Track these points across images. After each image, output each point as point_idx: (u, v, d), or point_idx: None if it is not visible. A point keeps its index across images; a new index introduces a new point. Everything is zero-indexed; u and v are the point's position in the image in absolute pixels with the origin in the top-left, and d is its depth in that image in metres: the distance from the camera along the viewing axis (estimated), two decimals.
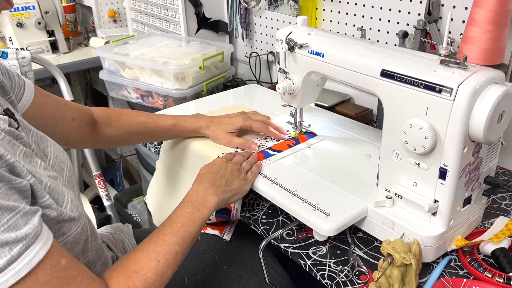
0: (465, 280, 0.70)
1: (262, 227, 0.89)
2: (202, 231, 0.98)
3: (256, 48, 1.60)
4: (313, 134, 1.05)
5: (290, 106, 1.00)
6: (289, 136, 1.04)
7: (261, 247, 0.82)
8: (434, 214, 0.74)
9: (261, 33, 1.55)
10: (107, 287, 0.62)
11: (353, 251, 0.81)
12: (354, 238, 0.84)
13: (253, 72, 1.58)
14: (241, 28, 1.60)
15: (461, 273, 0.75)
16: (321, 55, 0.84)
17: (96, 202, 2.07)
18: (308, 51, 0.86)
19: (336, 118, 1.15)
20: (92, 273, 0.61)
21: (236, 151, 0.98)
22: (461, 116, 0.65)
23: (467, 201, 0.75)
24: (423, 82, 0.68)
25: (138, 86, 1.48)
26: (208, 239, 0.95)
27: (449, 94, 0.65)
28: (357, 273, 0.77)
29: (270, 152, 0.98)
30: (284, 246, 0.83)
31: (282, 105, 1.02)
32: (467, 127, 0.66)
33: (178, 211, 0.76)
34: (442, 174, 0.70)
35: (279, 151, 0.98)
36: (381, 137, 0.75)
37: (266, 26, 1.53)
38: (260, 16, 1.54)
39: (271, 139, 1.03)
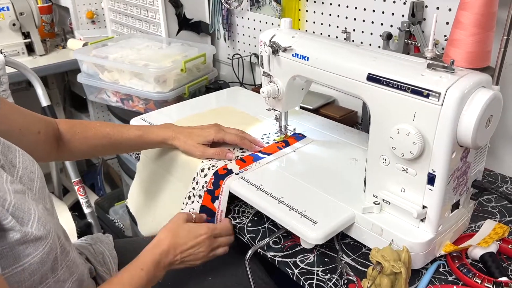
0: (454, 287, 0.69)
1: (248, 235, 0.87)
2: None
3: (239, 49, 1.57)
4: (302, 136, 1.03)
5: (274, 110, 0.98)
6: (274, 141, 1.02)
7: (247, 257, 0.80)
8: (422, 220, 0.73)
9: (243, 34, 1.53)
10: None
11: (341, 258, 0.80)
12: (342, 245, 0.83)
13: (236, 74, 1.56)
14: (223, 29, 1.57)
15: (450, 278, 0.75)
16: (306, 58, 0.82)
17: (76, 207, 2.02)
18: (292, 55, 0.84)
19: (321, 120, 1.13)
20: None
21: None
22: (450, 121, 0.64)
23: (455, 206, 0.74)
24: (410, 87, 0.67)
25: (118, 89, 1.44)
26: None
27: (437, 99, 0.64)
28: (346, 281, 0.75)
29: (260, 155, 0.96)
30: (270, 255, 0.81)
31: (266, 109, 1.00)
32: (456, 132, 0.64)
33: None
34: (431, 179, 0.69)
35: (269, 154, 0.96)
36: (367, 140, 0.74)
37: (249, 27, 1.50)
38: (242, 17, 1.51)
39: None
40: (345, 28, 0.94)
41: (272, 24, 1.42)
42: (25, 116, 0.80)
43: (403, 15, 1.06)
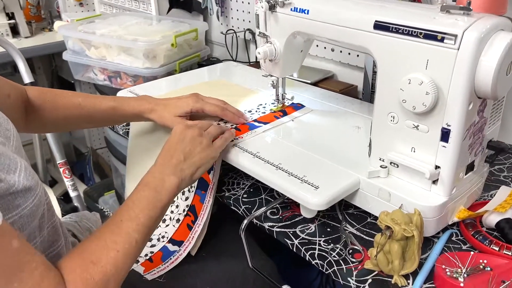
0: (472, 253, 0.63)
1: (243, 207, 0.80)
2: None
3: (232, 26, 1.50)
4: (301, 105, 0.97)
5: (271, 75, 0.91)
6: (271, 110, 0.95)
7: (243, 226, 0.73)
8: (434, 182, 0.67)
9: (237, 10, 1.46)
10: (62, 278, 0.53)
11: (345, 228, 0.73)
12: (345, 215, 0.76)
13: (230, 52, 1.49)
14: (216, 5, 1.50)
15: (464, 247, 0.68)
16: (306, 12, 0.76)
17: (64, 199, 1.94)
18: (291, 9, 0.78)
19: (320, 91, 1.07)
20: (49, 262, 0.53)
21: None
22: (467, 67, 0.57)
23: (470, 167, 0.68)
24: (423, 31, 0.60)
25: (105, 66, 1.37)
26: None
27: (453, 41, 0.57)
28: (351, 251, 0.69)
29: (256, 124, 0.89)
30: (268, 226, 0.75)
31: (262, 75, 0.93)
32: (473, 79, 0.58)
33: (134, 195, 0.66)
34: (445, 135, 0.62)
35: (265, 123, 0.89)
36: (370, 110, 0.67)
37: (243, 2, 1.43)
38: None
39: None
40: None
41: None
42: None
43: None
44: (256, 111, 0.95)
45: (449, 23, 0.59)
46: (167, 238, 0.82)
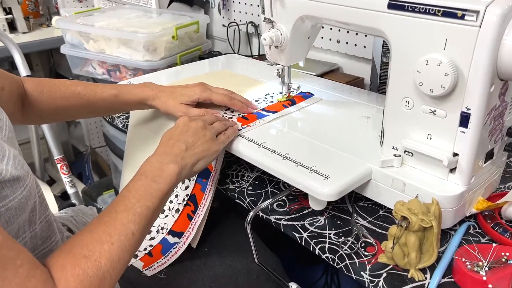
0: (494, 244, 0.59)
1: (248, 199, 0.76)
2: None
3: (234, 19, 1.47)
4: (310, 94, 0.93)
5: (277, 64, 0.88)
6: (278, 100, 0.92)
7: (249, 219, 0.70)
8: (452, 171, 0.63)
9: (239, 2, 1.43)
10: (50, 276, 0.49)
11: (356, 220, 0.69)
12: (355, 207, 0.73)
13: (232, 45, 1.46)
14: None
15: (482, 240, 0.65)
16: None
17: (64, 198, 1.90)
18: None
19: (326, 82, 1.03)
20: (35, 259, 0.49)
21: None
22: (489, 45, 0.54)
23: (489, 155, 0.65)
24: (441, 8, 0.57)
25: (104, 59, 1.33)
26: None
27: (475, 18, 0.54)
28: (363, 244, 0.65)
29: (264, 113, 0.85)
30: (274, 219, 0.71)
31: (267, 64, 0.90)
32: (496, 59, 0.55)
33: (131, 185, 0.61)
34: (464, 119, 0.59)
35: (273, 112, 0.86)
36: (378, 100, 0.64)
37: None
38: None
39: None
40: None
41: None
42: None
43: None
44: (264, 101, 0.91)
45: None
46: (167, 229, 0.79)
